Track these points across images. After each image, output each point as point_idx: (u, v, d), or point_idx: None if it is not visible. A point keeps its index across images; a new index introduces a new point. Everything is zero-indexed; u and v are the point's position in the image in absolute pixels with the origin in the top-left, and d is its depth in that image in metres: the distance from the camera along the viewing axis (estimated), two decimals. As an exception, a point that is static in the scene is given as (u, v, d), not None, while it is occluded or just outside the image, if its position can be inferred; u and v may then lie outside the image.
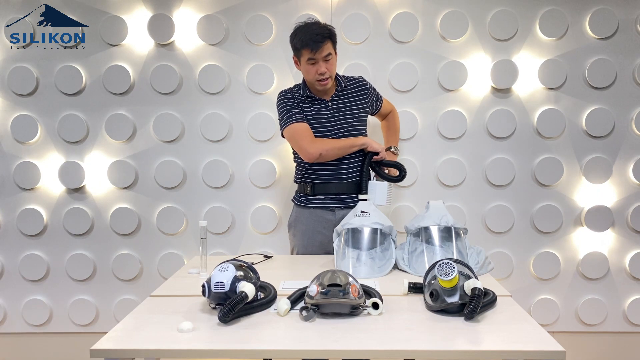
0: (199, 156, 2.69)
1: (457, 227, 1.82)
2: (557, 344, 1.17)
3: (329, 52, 2.02)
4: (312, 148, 2.04)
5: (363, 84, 2.23)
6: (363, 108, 2.20)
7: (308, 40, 1.98)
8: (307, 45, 1.99)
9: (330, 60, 2.04)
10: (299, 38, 2.01)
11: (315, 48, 1.98)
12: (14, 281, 2.76)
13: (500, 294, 1.50)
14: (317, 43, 1.98)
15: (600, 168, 2.65)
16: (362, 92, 2.21)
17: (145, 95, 2.66)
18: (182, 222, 2.71)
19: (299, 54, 2.05)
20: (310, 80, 2.09)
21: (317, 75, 2.04)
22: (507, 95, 2.65)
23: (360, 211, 1.88)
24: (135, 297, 2.75)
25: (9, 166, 2.69)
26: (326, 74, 2.03)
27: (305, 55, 2.02)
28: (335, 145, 2.07)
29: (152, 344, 1.20)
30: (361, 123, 2.20)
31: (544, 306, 2.73)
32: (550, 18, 2.58)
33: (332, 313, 1.34)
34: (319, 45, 1.98)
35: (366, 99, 2.21)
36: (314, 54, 2.00)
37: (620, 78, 2.62)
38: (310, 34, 1.99)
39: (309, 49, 1.99)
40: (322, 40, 1.99)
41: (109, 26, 2.61)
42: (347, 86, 2.18)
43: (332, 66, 2.06)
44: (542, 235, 2.71)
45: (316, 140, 2.07)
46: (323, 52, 2.00)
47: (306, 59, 2.02)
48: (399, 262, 1.81)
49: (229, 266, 1.38)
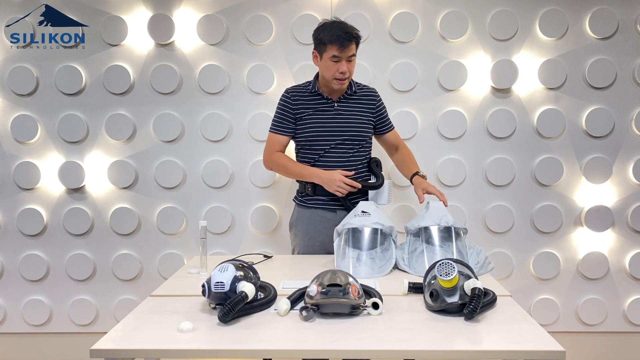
0: (199, 156, 2.69)
1: (457, 227, 1.82)
2: (557, 344, 1.17)
3: (353, 54, 2.03)
4: (270, 159, 2.18)
5: (373, 94, 2.22)
6: (368, 117, 2.18)
7: (338, 37, 1.97)
8: (336, 41, 1.97)
9: (352, 61, 2.05)
10: (327, 33, 2.00)
11: (344, 45, 1.98)
12: (14, 281, 2.76)
13: (500, 294, 1.51)
14: (346, 41, 1.98)
15: (600, 168, 2.65)
16: (370, 101, 2.19)
17: (145, 95, 2.66)
18: (182, 222, 2.71)
19: (324, 49, 2.02)
20: (328, 77, 2.06)
21: (337, 74, 2.02)
22: (507, 95, 2.65)
23: (360, 211, 1.88)
24: (135, 297, 2.75)
25: (9, 166, 2.69)
26: (346, 73, 2.03)
27: (330, 52, 2.00)
28: (286, 167, 2.15)
29: (152, 344, 1.20)
30: (364, 132, 2.17)
31: (544, 306, 2.73)
32: (550, 18, 2.58)
33: (332, 313, 1.34)
34: (347, 43, 1.98)
35: (373, 109, 2.19)
36: (341, 52, 1.99)
37: (620, 78, 2.62)
38: (340, 31, 1.98)
39: (337, 45, 1.98)
40: (350, 39, 1.99)
41: (109, 26, 2.61)
42: (357, 91, 2.17)
43: (352, 68, 2.06)
44: (542, 235, 2.71)
45: (276, 154, 2.16)
46: (349, 52, 2.01)
47: (330, 55, 2.00)
48: (398, 262, 1.82)
49: (229, 266, 1.38)
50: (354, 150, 2.15)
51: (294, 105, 2.14)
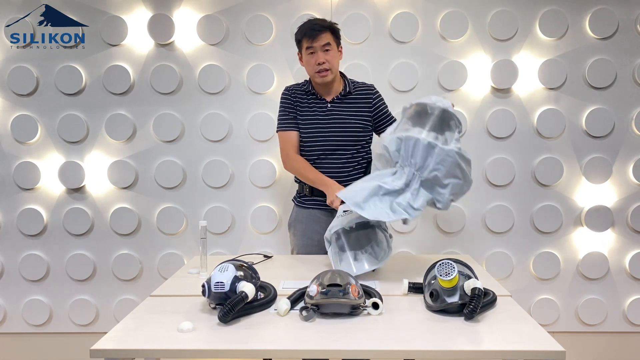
0: (199, 156, 2.69)
1: (453, 115, 1.75)
2: (557, 344, 1.17)
3: (327, 42, 2.03)
4: (287, 162, 2.16)
5: (369, 90, 2.17)
6: (364, 116, 2.13)
7: (307, 30, 2.03)
8: (305, 34, 2.03)
9: (329, 51, 2.04)
10: (300, 30, 2.06)
11: (313, 36, 2.00)
12: (14, 281, 2.76)
13: (500, 294, 1.50)
14: (315, 32, 2.01)
15: (600, 168, 2.65)
16: (367, 98, 2.15)
17: (145, 95, 2.66)
18: (182, 222, 2.71)
19: (300, 47, 2.08)
20: (310, 72, 2.09)
21: (315, 66, 2.03)
22: (507, 95, 2.65)
23: (342, 211, 1.83)
24: (135, 297, 2.75)
25: (9, 166, 2.69)
26: (325, 64, 2.02)
27: (304, 45, 2.05)
28: (304, 173, 2.10)
29: (152, 344, 1.20)
30: (360, 134, 2.12)
31: (544, 306, 2.73)
32: (550, 18, 2.58)
33: (332, 313, 1.34)
34: (317, 33, 2.01)
35: (369, 107, 2.15)
36: (312, 42, 2.02)
37: (620, 78, 2.62)
38: (309, 25, 2.04)
39: (307, 37, 2.02)
40: (320, 29, 2.02)
41: (109, 26, 2.61)
42: (353, 91, 2.14)
43: (332, 58, 2.05)
44: (542, 235, 2.71)
45: (293, 156, 2.13)
46: (321, 41, 2.02)
47: (305, 48, 2.04)
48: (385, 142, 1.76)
49: (229, 266, 1.38)
50: (349, 153, 2.12)
51: (294, 101, 2.15)
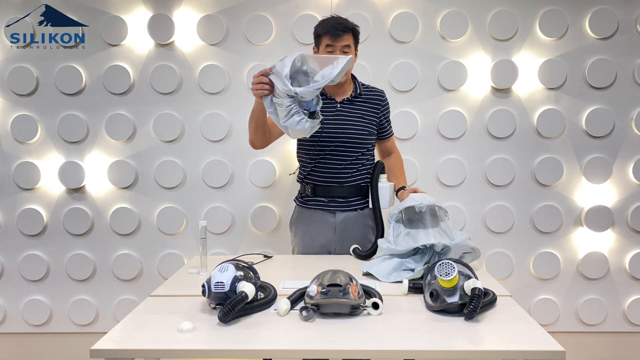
0: (199, 156, 2.69)
1: (440, 207, 1.82)
2: (557, 344, 1.17)
3: (348, 44, 2.01)
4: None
5: (379, 96, 2.17)
6: (372, 120, 2.13)
7: (330, 27, 1.99)
8: (327, 32, 1.99)
9: (348, 53, 2.01)
10: (322, 25, 2.02)
11: (336, 35, 1.98)
12: (14, 281, 2.76)
13: (500, 294, 1.50)
14: (339, 31, 1.98)
15: (600, 168, 2.65)
16: (376, 104, 2.15)
17: (145, 95, 2.66)
18: (182, 222, 2.71)
19: (319, 42, 2.04)
20: None
21: None
22: (507, 95, 2.65)
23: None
24: (135, 297, 2.75)
25: (9, 166, 2.69)
26: None
27: (324, 42, 2.01)
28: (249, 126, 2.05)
29: (152, 344, 1.20)
30: (366, 137, 2.11)
31: (544, 306, 2.73)
32: (550, 18, 2.58)
33: (332, 313, 1.34)
34: (341, 33, 1.99)
35: (377, 112, 2.15)
36: (333, 41, 1.99)
37: (620, 78, 2.62)
38: (333, 22, 2.01)
39: (329, 35, 1.99)
40: (344, 30, 1.99)
41: (109, 26, 2.61)
42: (363, 93, 2.14)
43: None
44: (542, 235, 2.71)
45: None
46: (343, 42, 2.00)
47: (324, 45, 2.01)
48: (383, 247, 1.82)
49: (229, 266, 1.37)
50: (354, 156, 2.09)
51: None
